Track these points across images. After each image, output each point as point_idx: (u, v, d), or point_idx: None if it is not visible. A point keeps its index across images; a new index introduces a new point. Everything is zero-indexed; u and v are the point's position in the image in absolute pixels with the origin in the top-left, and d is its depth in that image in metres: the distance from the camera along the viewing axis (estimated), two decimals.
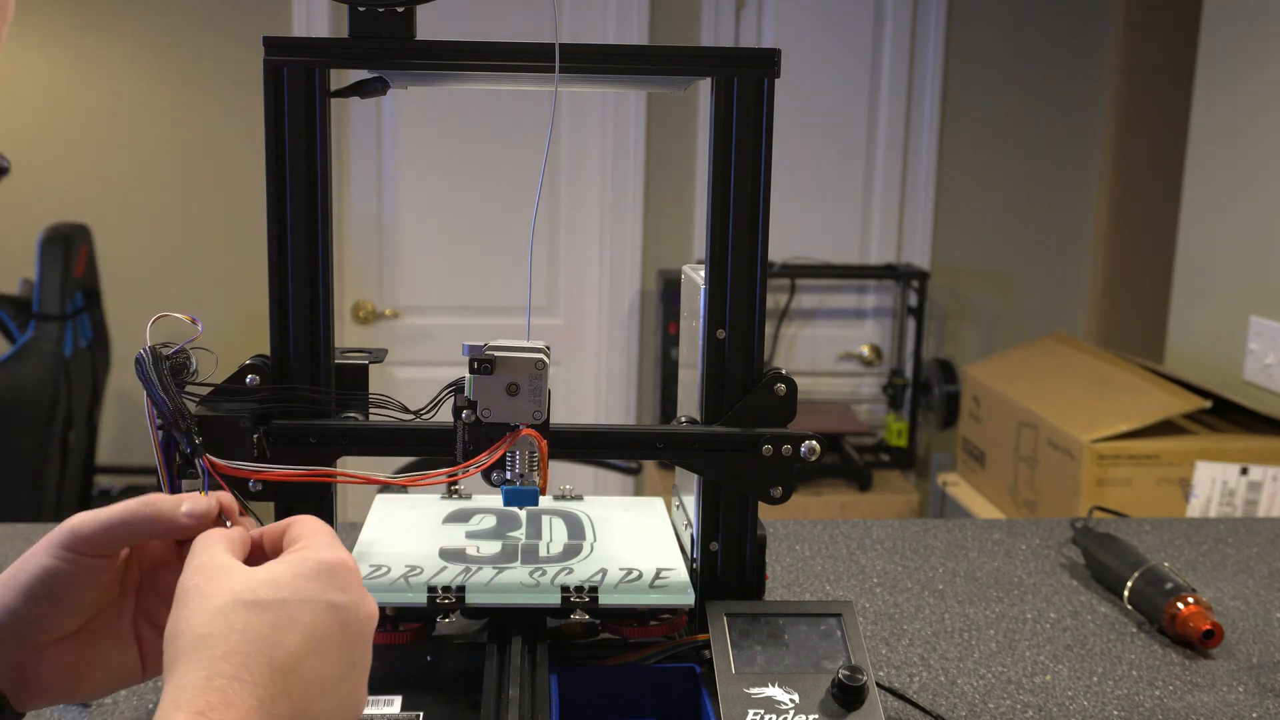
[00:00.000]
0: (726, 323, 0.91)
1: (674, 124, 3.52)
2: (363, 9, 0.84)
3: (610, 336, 3.63)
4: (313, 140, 0.86)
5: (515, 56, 0.86)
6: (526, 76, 0.87)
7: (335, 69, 0.87)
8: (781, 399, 0.91)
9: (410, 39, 0.86)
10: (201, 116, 3.40)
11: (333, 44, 0.86)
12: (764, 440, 0.90)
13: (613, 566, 0.94)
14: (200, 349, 0.78)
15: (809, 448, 0.90)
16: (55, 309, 2.93)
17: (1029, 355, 2.81)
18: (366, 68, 0.88)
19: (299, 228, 0.87)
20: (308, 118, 0.86)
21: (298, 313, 0.89)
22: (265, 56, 0.85)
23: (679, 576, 0.93)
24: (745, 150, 0.89)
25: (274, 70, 0.86)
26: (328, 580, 0.62)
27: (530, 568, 0.93)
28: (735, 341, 0.91)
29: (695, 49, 1.14)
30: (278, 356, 0.89)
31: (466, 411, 0.84)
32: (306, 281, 0.88)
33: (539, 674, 0.85)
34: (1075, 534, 1.42)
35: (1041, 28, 3.61)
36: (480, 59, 0.86)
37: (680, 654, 0.91)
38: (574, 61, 0.85)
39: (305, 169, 0.87)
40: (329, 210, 0.88)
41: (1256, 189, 2.47)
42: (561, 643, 0.93)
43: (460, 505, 1.08)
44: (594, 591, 0.90)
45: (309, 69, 0.86)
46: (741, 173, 0.89)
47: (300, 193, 0.87)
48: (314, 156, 0.87)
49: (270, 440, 0.86)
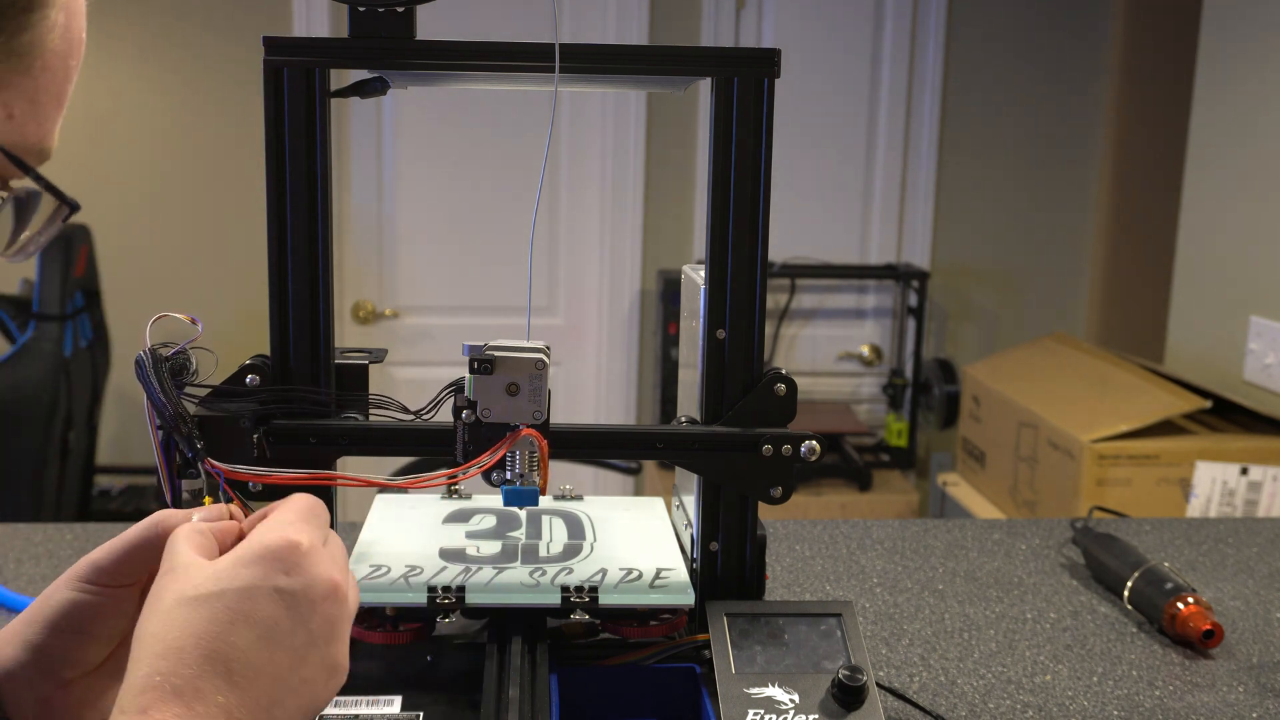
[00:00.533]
0: (726, 323, 0.91)
1: (674, 124, 3.52)
2: (363, 9, 0.84)
3: (610, 336, 3.63)
4: (313, 140, 0.86)
5: (515, 56, 0.86)
6: (526, 76, 0.87)
7: (335, 69, 0.87)
8: (781, 399, 0.91)
9: (410, 39, 0.86)
10: (202, 116, 3.40)
11: (333, 44, 0.86)
12: (764, 440, 0.90)
13: (613, 566, 0.94)
14: (200, 349, 0.78)
15: (809, 448, 0.90)
16: (55, 309, 2.93)
17: (1029, 355, 2.81)
18: (366, 68, 0.88)
19: (299, 228, 0.87)
20: (308, 118, 0.86)
21: (298, 313, 0.89)
22: (265, 56, 0.85)
23: (679, 576, 0.93)
24: (745, 150, 0.89)
25: (274, 70, 0.86)
26: (271, 564, 0.61)
27: (530, 568, 0.93)
28: (735, 341, 0.91)
29: (695, 49, 1.14)
30: (278, 357, 0.89)
31: (466, 411, 0.84)
32: (306, 281, 0.88)
33: (539, 674, 0.85)
34: (1075, 534, 1.42)
35: (1042, 28, 3.61)
36: (480, 59, 0.86)
37: (680, 654, 0.91)
38: (574, 61, 0.85)
39: (305, 169, 0.87)
40: (329, 210, 0.88)
41: (1256, 189, 2.47)
42: (561, 643, 0.93)
43: (460, 505, 1.08)
44: (594, 591, 0.90)
45: (309, 69, 0.86)
46: (741, 173, 0.89)
47: (300, 193, 0.87)
48: (314, 156, 0.87)
49: (270, 441, 0.86)
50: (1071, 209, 3.73)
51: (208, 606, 0.59)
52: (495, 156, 3.50)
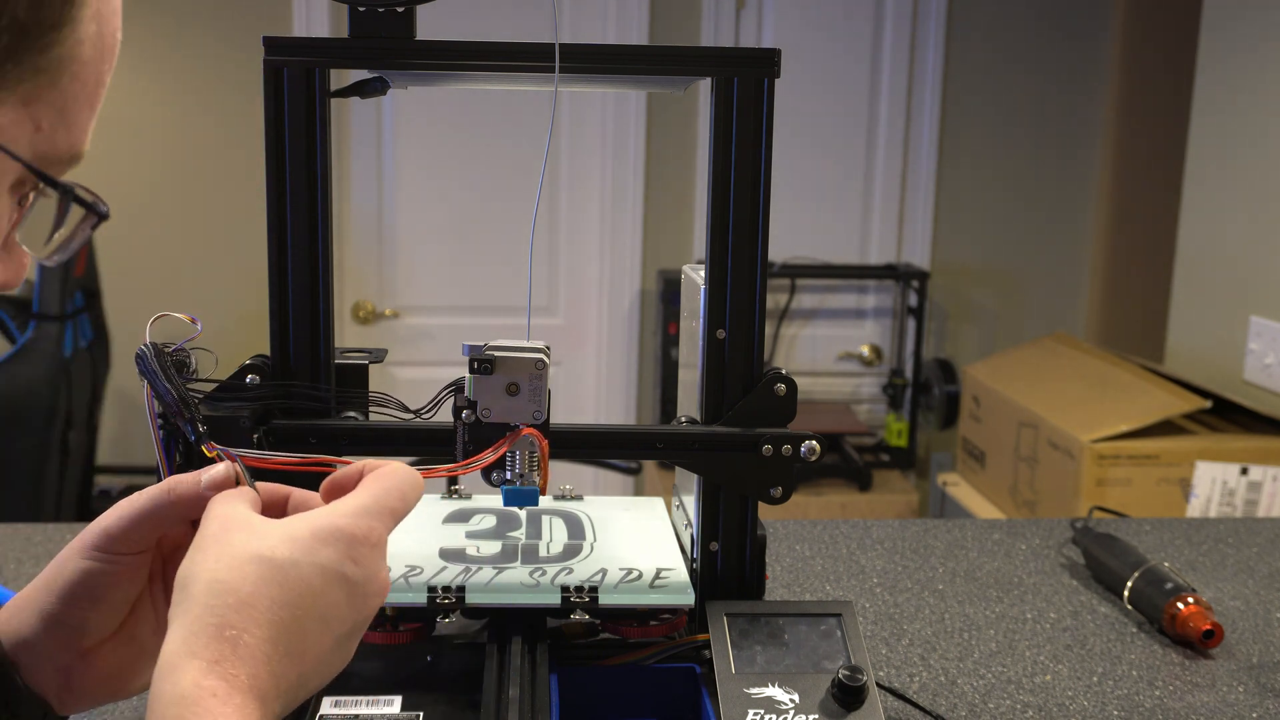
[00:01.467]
0: (726, 323, 0.91)
1: (674, 124, 3.52)
2: (363, 9, 0.84)
3: (610, 336, 3.63)
4: (313, 140, 0.87)
5: (515, 56, 0.86)
6: (527, 76, 0.87)
7: (335, 69, 0.87)
8: (782, 399, 0.91)
9: (410, 39, 0.86)
10: (202, 117, 3.40)
11: (332, 44, 0.86)
12: (764, 440, 0.90)
13: (613, 566, 0.94)
14: (200, 349, 0.78)
15: (809, 447, 0.90)
16: (55, 309, 2.93)
17: (1029, 355, 2.81)
18: (366, 68, 0.88)
19: (299, 227, 0.87)
20: (308, 118, 0.86)
21: (298, 312, 0.89)
22: (265, 56, 0.85)
23: (679, 576, 0.93)
24: (745, 150, 0.89)
25: (274, 70, 0.86)
26: (346, 549, 0.60)
27: (530, 568, 0.93)
28: (735, 341, 0.91)
29: (695, 49, 1.14)
30: (278, 356, 0.89)
31: (466, 411, 0.84)
32: (307, 281, 0.88)
33: (539, 674, 0.85)
34: (1075, 534, 1.42)
35: (1042, 28, 3.61)
36: (480, 59, 0.86)
37: (680, 654, 0.91)
38: (574, 61, 0.85)
39: (305, 169, 0.87)
40: (329, 210, 0.88)
41: (1256, 189, 2.47)
42: (561, 643, 0.93)
43: (460, 505, 1.08)
44: (594, 591, 0.90)
45: (309, 69, 0.86)
46: (741, 173, 0.89)
47: (300, 193, 0.87)
48: (314, 156, 0.87)
49: (270, 440, 0.85)
50: (1071, 209, 3.73)
51: (283, 573, 0.58)
52: (495, 157, 3.50)
